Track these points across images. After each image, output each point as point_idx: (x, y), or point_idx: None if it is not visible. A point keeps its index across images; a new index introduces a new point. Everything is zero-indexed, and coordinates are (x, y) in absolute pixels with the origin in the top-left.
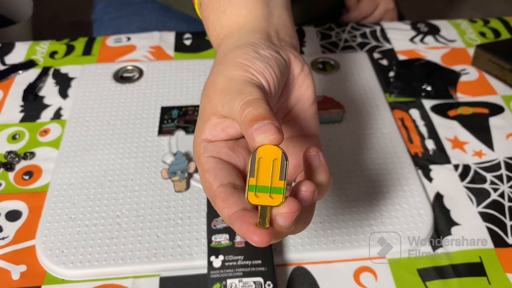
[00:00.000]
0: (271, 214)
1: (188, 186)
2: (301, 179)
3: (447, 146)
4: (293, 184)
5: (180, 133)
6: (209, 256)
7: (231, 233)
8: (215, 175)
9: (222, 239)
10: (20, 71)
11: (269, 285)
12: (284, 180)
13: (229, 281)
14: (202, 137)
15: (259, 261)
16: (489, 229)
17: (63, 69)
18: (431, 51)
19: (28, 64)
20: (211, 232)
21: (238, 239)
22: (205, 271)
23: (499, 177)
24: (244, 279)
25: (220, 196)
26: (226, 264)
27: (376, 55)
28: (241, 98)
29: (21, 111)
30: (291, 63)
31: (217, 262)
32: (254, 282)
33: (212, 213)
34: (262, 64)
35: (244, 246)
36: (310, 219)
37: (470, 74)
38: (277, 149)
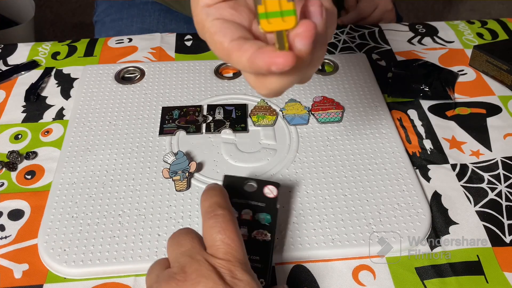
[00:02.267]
0: (289, 40)
1: (189, 185)
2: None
3: (445, 146)
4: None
5: (181, 133)
6: None
7: None
8: (223, 33)
9: None
10: (23, 72)
11: (262, 282)
12: (293, 1)
13: None
14: (200, 4)
15: (257, 257)
16: (486, 228)
17: (65, 70)
18: (429, 52)
19: (31, 65)
20: None
21: None
22: None
23: (497, 177)
24: None
25: (234, 48)
26: None
27: (374, 56)
28: None
29: (23, 112)
30: None
31: None
32: None
33: None
34: None
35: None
36: (324, 49)
37: (467, 74)
38: None
